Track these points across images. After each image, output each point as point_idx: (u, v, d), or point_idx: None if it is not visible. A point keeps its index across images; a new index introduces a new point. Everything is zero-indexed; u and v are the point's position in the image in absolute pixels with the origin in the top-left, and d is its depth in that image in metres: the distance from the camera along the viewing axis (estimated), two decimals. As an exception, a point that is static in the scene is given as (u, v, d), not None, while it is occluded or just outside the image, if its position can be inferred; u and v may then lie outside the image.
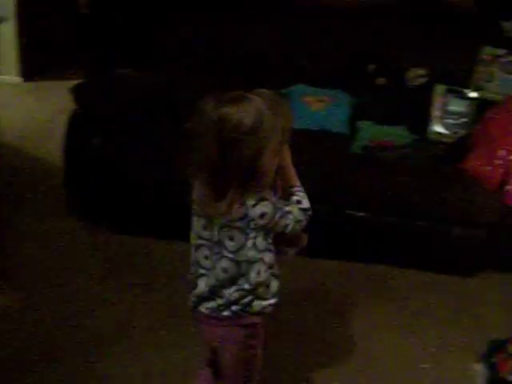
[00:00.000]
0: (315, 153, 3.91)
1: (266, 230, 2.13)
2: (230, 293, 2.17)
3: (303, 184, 3.22)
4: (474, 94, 4.33)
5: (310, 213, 2.25)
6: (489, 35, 4.49)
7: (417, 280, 3.85)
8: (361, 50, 4.54)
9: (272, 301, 2.26)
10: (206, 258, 2.18)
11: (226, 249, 2.12)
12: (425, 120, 4.33)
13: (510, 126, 3.84)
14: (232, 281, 2.16)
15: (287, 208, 2.17)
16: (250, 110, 1.98)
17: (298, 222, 2.20)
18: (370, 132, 4.26)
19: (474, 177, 3.80)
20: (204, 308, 2.23)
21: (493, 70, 4.35)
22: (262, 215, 2.07)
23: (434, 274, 3.87)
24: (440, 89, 4.34)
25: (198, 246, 2.19)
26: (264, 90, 2.12)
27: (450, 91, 4.32)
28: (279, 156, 2.12)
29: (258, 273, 2.16)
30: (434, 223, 3.85)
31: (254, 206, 2.05)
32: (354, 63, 4.50)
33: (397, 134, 4.27)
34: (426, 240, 3.87)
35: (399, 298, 3.70)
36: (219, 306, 2.20)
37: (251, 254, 2.13)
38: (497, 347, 3.23)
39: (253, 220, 2.06)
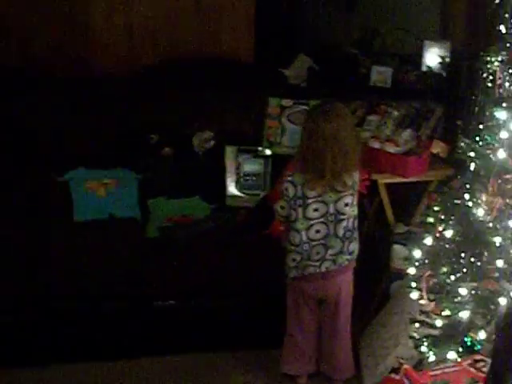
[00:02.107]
0: (106, 245, 3.74)
1: None
2: (349, 246, 3.33)
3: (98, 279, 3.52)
4: (267, 152, 4.32)
5: None
6: (273, 86, 4.53)
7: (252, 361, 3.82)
8: (139, 119, 4.38)
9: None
10: (317, 231, 3.28)
11: (343, 214, 3.28)
12: (220, 186, 4.27)
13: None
14: (349, 236, 3.30)
15: None
16: (348, 121, 3.30)
17: None
18: (164, 209, 4.12)
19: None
20: (324, 268, 3.32)
21: (283, 123, 4.36)
22: (357, 180, 3.31)
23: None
24: (231, 150, 4.31)
25: (309, 228, 3.28)
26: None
27: (241, 151, 4.31)
28: None
29: (356, 224, 3.36)
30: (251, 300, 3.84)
31: (355, 175, 3.28)
32: (133, 135, 4.32)
33: (193, 207, 4.17)
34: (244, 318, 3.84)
35: None
36: (340, 260, 3.33)
37: (355, 209, 3.34)
38: None
39: (356, 184, 3.30)
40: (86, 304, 3.70)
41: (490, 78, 2.90)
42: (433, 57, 4.64)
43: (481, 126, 2.98)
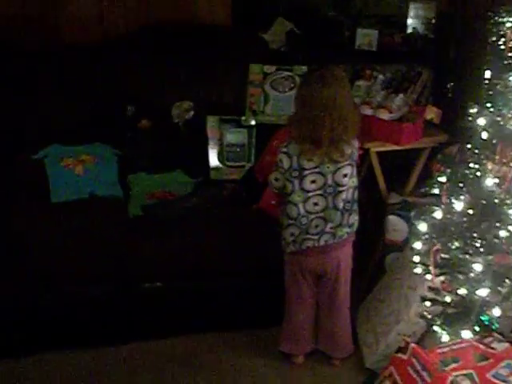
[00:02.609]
0: (88, 226, 3.53)
1: None
2: (349, 218, 3.18)
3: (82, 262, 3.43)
4: (251, 121, 4.13)
5: None
6: (254, 51, 4.34)
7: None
8: (114, 91, 4.13)
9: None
10: (316, 204, 3.12)
11: (342, 185, 3.10)
12: (203, 158, 4.09)
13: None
14: (348, 208, 3.15)
15: None
16: (345, 86, 3.09)
17: None
18: (145, 185, 3.93)
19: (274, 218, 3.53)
20: (323, 241, 3.18)
21: (266, 90, 4.18)
22: (356, 148, 3.16)
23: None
24: (212, 120, 4.11)
25: (306, 200, 3.12)
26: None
27: (224, 121, 4.11)
28: None
29: (356, 195, 3.20)
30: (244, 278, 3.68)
31: (354, 144, 3.12)
32: (108, 108, 4.09)
33: (176, 182, 3.99)
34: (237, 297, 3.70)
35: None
36: (339, 233, 3.18)
37: (355, 180, 3.17)
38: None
39: (355, 153, 3.15)
40: (70, 288, 3.52)
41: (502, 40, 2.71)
42: (418, 18, 4.55)
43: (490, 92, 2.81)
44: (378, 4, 4.73)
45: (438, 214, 2.97)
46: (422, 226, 3.07)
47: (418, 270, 3.18)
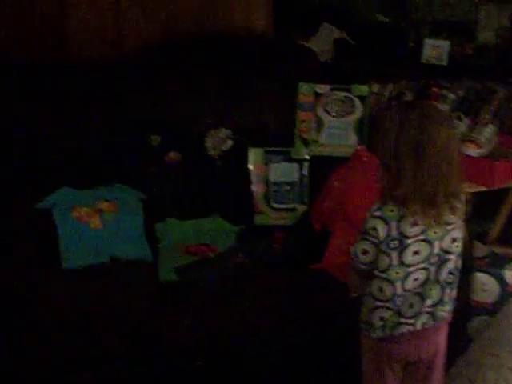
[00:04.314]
0: (108, 296, 2.82)
1: None
2: (450, 293, 2.48)
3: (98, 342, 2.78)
4: (302, 153, 3.46)
5: None
6: (302, 66, 3.66)
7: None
8: (134, 118, 3.46)
9: None
10: (415, 280, 2.41)
11: (450, 253, 2.41)
12: (245, 199, 3.41)
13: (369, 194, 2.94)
14: (451, 281, 2.46)
15: None
16: (454, 128, 2.55)
17: None
18: (177, 235, 3.21)
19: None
20: (420, 325, 2.47)
21: (319, 115, 3.50)
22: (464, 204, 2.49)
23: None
24: (255, 153, 3.44)
25: (405, 277, 2.40)
26: None
27: (269, 154, 3.46)
28: None
29: (460, 264, 2.53)
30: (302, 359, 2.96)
31: (463, 198, 2.43)
32: (127, 138, 3.38)
33: (214, 230, 3.28)
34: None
35: None
36: (439, 313, 2.46)
37: (460, 245, 2.47)
38: None
39: (464, 210, 2.48)
40: (84, 374, 2.81)
41: None
42: (492, 25, 3.91)
43: None
44: (442, 8, 3.97)
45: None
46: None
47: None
